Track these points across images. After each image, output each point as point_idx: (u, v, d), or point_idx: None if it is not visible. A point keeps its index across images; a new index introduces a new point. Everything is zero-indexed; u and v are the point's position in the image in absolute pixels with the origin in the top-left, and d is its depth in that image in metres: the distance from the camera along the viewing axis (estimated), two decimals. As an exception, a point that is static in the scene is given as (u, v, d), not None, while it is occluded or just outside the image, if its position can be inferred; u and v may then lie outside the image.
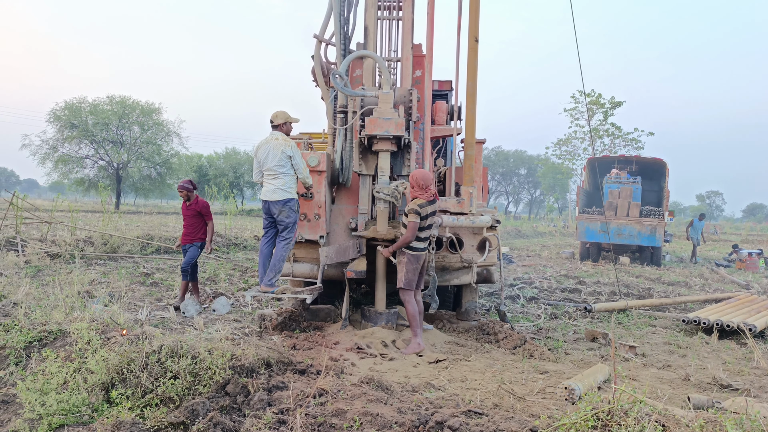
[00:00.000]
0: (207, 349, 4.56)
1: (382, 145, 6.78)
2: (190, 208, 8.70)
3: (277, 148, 6.60)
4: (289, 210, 6.64)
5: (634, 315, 9.57)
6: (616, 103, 42.35)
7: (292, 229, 6.71)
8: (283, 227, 6.69)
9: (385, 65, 7.11)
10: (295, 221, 6.71)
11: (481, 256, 7.29)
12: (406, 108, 7.13)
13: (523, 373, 5.70)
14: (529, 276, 14.51)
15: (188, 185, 8.74)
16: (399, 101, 7.12)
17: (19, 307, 6.37)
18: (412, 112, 7.13)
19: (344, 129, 7.11)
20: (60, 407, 4.05)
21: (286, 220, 6.65)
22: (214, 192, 31.15)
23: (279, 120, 6.83)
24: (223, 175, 53.56)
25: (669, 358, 6.86)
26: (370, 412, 3.87)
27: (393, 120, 6.60)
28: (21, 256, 11.98)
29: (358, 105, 7.07)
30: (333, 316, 7.73)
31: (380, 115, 6.64)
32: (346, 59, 6.99)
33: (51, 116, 41.75)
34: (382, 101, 6.74)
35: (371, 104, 6.95)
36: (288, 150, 6.59)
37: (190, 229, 8.71)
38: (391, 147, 6.80)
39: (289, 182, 6.67)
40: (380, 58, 7.11)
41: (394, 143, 6.81)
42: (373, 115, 6.69)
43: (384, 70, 6.92)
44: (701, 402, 4.79)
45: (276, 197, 6.62)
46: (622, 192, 19.68)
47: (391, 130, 6.59)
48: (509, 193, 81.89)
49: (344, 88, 6.75)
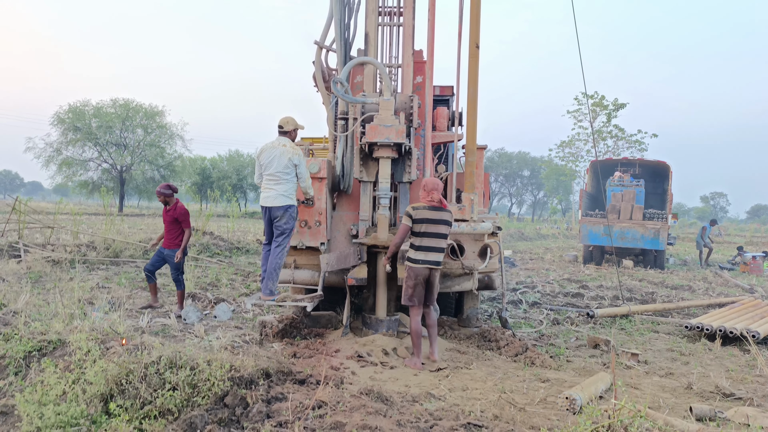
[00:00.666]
0: (206, 359, 4.55)
1: (382, 152, 6.77)
2: (169, 214, 8.51)
3: (284, 154, 6.61)
4: (288, 216, 6.64)
5: (637, 320, 9.52)
6: (620, 105, 42.27)
7: (288, 236, 6.70)
8: (279, 232, 6.68)
9: (386, 71, 7.10)
10: (292, 228, 6.71)
11: (482, 262, 7.26)
12: (407, 114, 7.11)
13: (525, 381, 5.67)
14: (532, 280, 14.47)
15: (166, 190, 8.50)
16: (400, 108, 7.11)
17: (20, 315, 6.37)
18: (413, 118, 7.11)
19: (345, 136, 7.10)
20: (58, 419, 4.04)
21: (284, 226, 6.65)
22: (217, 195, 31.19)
23: (289, 126, 6.85)
24: (226, 177, 53.64)
25: (672, 365, 6.82)
26: (369, 425, 3.85)
27: (394, 127, 6.58)
28: (23, 262, 11.99)
29: (359, 112, 7.06)
30: (334, 322, 7.70)
31: (381, 122, 6.62)
32: (347, 66, 6.98)
33: (55, 119, 41.97)
34: (383, 108, 6.72)
35: (372, 111, 6.93)
36: (295, 158, 6.60)
37: (171, 234, 8.51)
38: (392, 154, 6.79)
39: (291, 189, 6.68)
40: (381, 65, 7.09)
41: (395, 150, 6.79)
42: (374, 122, 6.68)
43: (385, 77, 6.91)
44: (704, 412, 4.75)
45: (278, 203, 6.62)
46: (626, 195, 19.62)
47: (392, 137, 6.58)
48: (512, 195, 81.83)
49: (345, 95, 6.74)
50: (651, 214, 19.30)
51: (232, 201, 27.46)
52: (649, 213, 19.34)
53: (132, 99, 44.70)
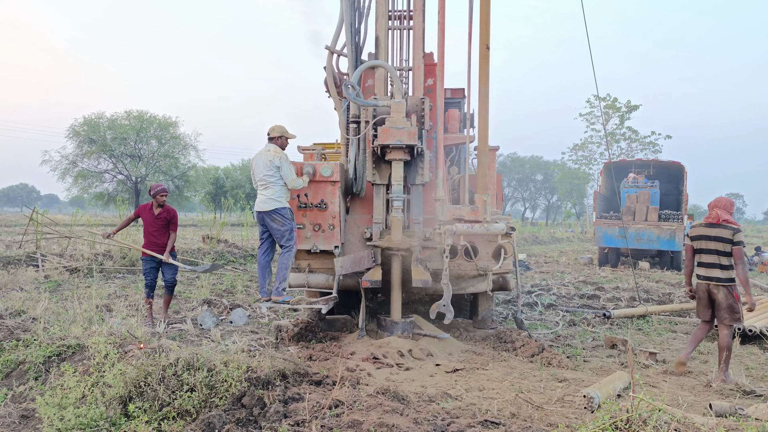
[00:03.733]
0: (223, 361, 4.58)
1: (395, 155, 6.79)
2: (161, 216, 8.23)
3: (267, 159, 6.72)
4: (281, 218, 6.68)
5: (654, 321, 9.44)
6: (633, 107, 42.07)
7: (291, 237, 6.73)
8: (279, 236, 6.74)
9: (397, 74, 7.13)
10: (290, 229, 6.73)
11: (496, 263, 7.25)
12: (419, 117, 7.13)
13: (541, 381, 5.64)
14: (547, 283, 14.39)
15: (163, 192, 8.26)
16: (411, 110, 7.13)
17: (38, 322, 6.45)
18: (425, 120, 7.13)
19: (357, 139, 7.14)
20: (78, 421, 4.08)
21: (280, 229, 6.69)
22: (230, 204, 31.36)
23: (275, 133, 6.97)
24: (239, 186, 53.91)
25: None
26: (386, 423, 3.85)
27: (405, 129, 6.60)
28: (41, 271, 12.13)
29: (371, 115, 7.09)
30: (349, 326, 7.72)
31: (393, 125, 6.65)
32: (358, 69, 7.02)
33: (70, 132, 42.39)
34: (395, 111, 6.75)
35: (384, 114, 6.96)
36: (276, 161, 6.68)
37: (162, 239, 8.25)
38: (404, 156, 6.81)
39: (279, 192, 6.73)
40: (392, 68, 7.13)
41: (407, 152, 6.81)
42: (386, 124, 6.71)
43: (396, 80, 6.94)
44: (723, 409, 4.70)
45: (266, 207, 6.71)
46: (640, 196, 19.47)
47: (404, 140, 6.60)
48: (526, 200, 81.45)
49: (356, 98, 6.78)
50: (666, 215, 19.11)
51: (246, 209, 27.60)
52: (664, 214, 19.14)
53: (146, 110, 45.14)
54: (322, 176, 6.96)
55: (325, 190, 7.02)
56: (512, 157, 77.09)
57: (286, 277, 6.83)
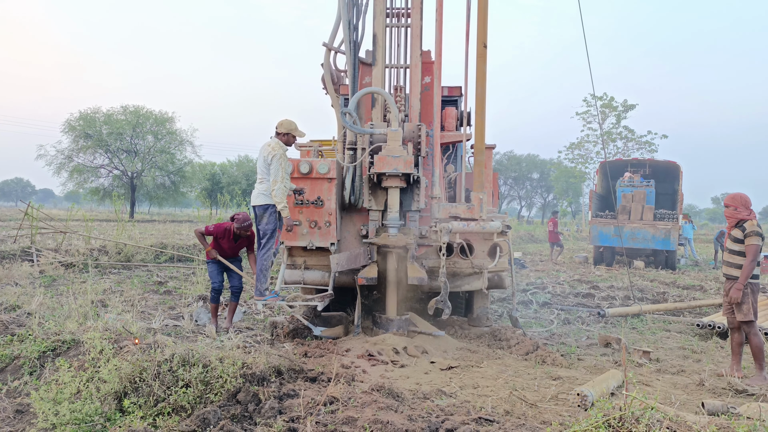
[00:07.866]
0: (218, 357, 4.59)
1: (391, 182, 6.80)
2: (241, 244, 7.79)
3: (264, 153, 6.72)
4: (269, 216, 6.66)
5: (649, 320, 9.48)
6: (629, 106, 42.15)
7: (271, 237, 6.71)
8: (262, 234, 6.73)
9: (394, 101, 7.11)
10: (274, 229, 6.72)
11: (491, 261, 7.27)
12: (415, 144, 7.16)
13: (536, 379, 5.67)
14: (542, 281, 14.44)
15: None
16: (408, 138, 7.16)
17: (33, 317, 6.45)
18: (421, 147, 7.16)
19: (353, 166, 7.11)
20: (73, 417, 4.09)
21: (266, 227, 6.69)
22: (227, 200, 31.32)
23: (281, 129, 6.90)
24: (236, 182, 53.82)
25: (683, 363, 6.79)
26: (381, 420, 3.87)
27: (402, 158, 6.63)
28: (36, 266, 12.11)
29: (367, 142, 7.10)
30: (345, 323, 7.73)
31: (389, 153, 6.68)
32: (355, 96, 7.03)
33: (66, 126, 42.25)
34: (391, 139, 6.77)
35: (380, 141, 6.97)
36: (269, 157, 6.63)
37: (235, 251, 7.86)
38: (400, 183, 6.83)
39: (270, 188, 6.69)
40: (389, 95, 7.10)
41: (403, 180, 6.84)
42: (382, 152, 6.73)
43: (392, 106, 6.93)
44: (716, 408, 4.73)
45: (258, 202, 6.72)
46: (636, 195, 19.52)
47: (400, 168, 6.63)
48: (522, 198, 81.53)
49: (353, 126, 6.80)
50: (662, 214, 19.18)
51: (242, 205, 27.56)
52: (659, 213, 19.22)
53: (142, 106, 45.05)
54: (318, 173, 6.96)
55: (321, 187, 7.02)
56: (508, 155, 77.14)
57: (268, 277, 6.83)
